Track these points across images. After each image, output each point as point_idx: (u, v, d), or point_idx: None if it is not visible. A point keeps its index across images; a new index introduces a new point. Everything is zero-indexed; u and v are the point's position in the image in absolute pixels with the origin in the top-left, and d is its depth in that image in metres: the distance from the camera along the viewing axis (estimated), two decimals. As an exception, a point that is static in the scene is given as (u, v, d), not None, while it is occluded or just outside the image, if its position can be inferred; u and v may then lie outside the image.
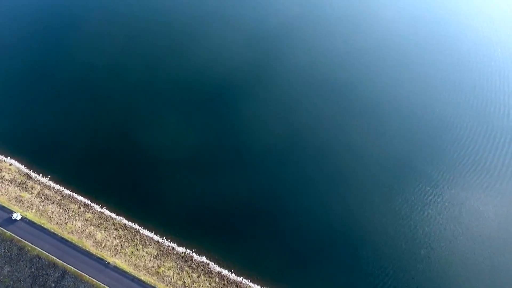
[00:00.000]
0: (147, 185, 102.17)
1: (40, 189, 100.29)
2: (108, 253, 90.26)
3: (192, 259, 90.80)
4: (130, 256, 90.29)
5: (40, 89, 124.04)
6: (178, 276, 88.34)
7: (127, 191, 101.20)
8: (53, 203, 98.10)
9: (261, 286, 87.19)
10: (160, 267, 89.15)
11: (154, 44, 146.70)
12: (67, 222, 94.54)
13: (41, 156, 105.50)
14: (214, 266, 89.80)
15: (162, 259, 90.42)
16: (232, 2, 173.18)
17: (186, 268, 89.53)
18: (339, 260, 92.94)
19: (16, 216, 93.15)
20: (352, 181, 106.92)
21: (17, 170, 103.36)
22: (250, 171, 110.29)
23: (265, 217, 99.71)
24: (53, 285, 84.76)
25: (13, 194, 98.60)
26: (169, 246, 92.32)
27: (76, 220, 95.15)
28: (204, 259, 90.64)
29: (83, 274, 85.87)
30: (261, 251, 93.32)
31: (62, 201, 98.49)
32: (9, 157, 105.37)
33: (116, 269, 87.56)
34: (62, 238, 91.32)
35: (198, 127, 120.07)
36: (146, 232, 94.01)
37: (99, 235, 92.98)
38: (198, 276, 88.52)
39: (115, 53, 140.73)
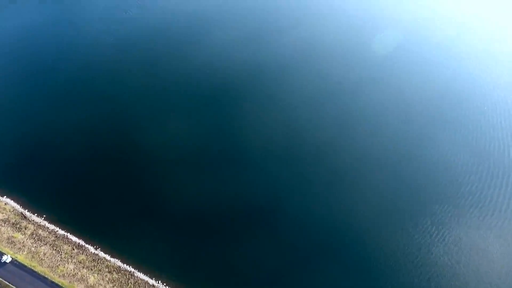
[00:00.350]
0: (143, 224, 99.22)
1: (34, 229, 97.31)
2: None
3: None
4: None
5: (37, 126, 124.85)
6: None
7: (124, 231, 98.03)
8: (46, 244, 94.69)
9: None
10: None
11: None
12: (59, 264, 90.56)
13: (37, 195, 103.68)
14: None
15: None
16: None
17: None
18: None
19: (6, 258, 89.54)
20: (352, 223, 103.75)
21: (12, 210, 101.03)
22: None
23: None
24: (39, 334, 79.39)
25: (5, 235, 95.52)
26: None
27: (68, 263, 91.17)
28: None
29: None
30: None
31: (56, 242, 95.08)
32: (5, 196, 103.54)
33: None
34: (53, 282, 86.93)
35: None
36: (141, 275, 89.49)
37: (91, 279, 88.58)
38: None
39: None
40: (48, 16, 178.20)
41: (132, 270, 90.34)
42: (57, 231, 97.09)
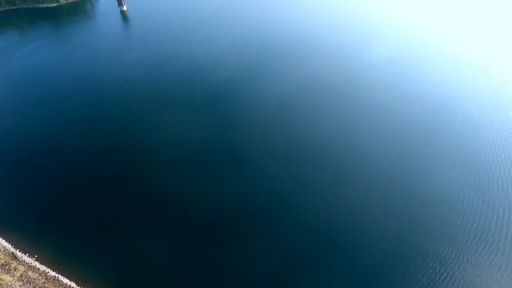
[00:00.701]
0: (138, 264, 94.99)
1: (24, 271, 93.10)
2: None
3: None
4: None
5: (32, 159, 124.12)
6: None
7: (118, 273, 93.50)
8: (35, 287, 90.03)
9: None
10: None
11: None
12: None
13: (29, 232, 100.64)
14: None
15: None
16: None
17: None
18: None
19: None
20: (349, 269, 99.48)
21: (2, 250, 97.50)
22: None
23: None
24: None
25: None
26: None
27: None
28: None
29: None
30: None
31: (46, 285, 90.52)
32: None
33: None
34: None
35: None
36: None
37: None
38: None
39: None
40: (58, 54, 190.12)
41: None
42: (48, 272, 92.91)
